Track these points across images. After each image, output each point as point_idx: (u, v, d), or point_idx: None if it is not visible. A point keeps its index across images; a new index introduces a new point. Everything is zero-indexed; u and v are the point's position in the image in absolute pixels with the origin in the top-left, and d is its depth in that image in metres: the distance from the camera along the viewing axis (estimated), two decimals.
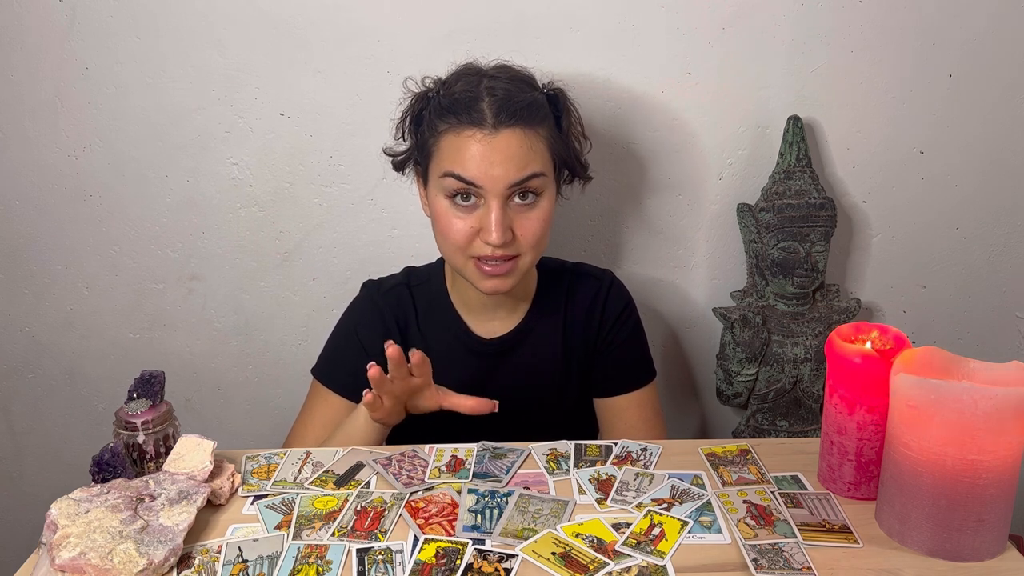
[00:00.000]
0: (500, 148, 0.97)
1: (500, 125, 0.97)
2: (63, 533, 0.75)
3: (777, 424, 1.34)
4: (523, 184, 0.98)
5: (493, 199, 0.97)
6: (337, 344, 1.15)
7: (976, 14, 1.26)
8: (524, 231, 1.00)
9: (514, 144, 0.97)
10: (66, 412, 1.47)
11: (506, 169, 0.97)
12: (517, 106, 0.98)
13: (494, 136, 0.97)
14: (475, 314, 1.13)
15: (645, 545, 0.78)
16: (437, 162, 1.01)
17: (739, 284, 1.38)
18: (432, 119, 1.02)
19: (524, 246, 1.01)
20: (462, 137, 0.98)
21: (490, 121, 0.97)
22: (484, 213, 0.98)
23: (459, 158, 0.98)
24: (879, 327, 0.88)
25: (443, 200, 1.00)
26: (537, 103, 1.01)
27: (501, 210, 0.97)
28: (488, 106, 0.98)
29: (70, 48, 1.26)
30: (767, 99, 1.30)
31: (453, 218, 1.00)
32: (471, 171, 0.97)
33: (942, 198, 1.36)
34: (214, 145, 1.31)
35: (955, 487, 0.75)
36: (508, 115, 0.97)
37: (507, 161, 0.97)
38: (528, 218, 1.00)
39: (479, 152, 0.97)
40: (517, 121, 0.98)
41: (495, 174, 0.96)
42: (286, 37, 1.25)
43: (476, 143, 0.97)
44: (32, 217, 1.35)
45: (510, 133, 0.97)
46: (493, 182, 0.97)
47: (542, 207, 1.01)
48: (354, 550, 0.78)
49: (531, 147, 0.99)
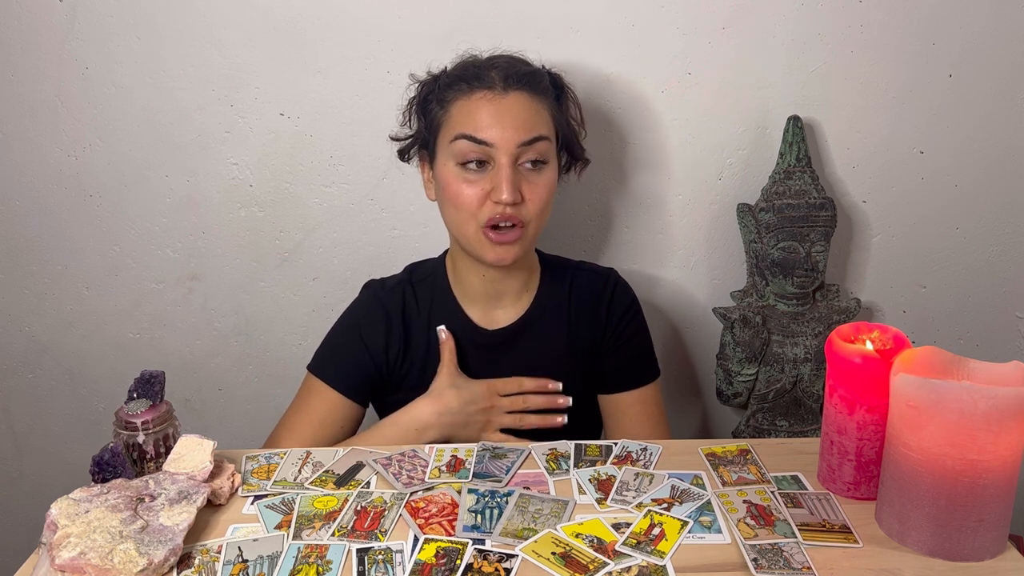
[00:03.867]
0: (510, 108, 1.01)
1: (509, 88, 1.02)
2: (63, 533, 0.75)
3: (777, 424, 1.34)
4: (531, 145, 1.02)
5: (504, 157, 1.00)
6: (337, 341, 1.15)
7: (976, 14, 1.26)
8: (532, 195, 1.03)
9: (523, 105, 1.02)
10: (66, 412, 1.47)
11: (516, 129, 1.00)
12: (522, 72, 1.04)
13: (504, 96, 1.02)
14: (478, 305, 1.13)
15: (645, 545, 0.78)
16: (447, 129, 1.04)
17: (739, 284, 1.38)
18: (441, 92, 1.06)
19: (531, 212, 1.03)
20: (473, 100, 1.02)
21: (500, 84, 1.02)
22: (495, 173, 1.01)
23: (471, 120, 1.01)
24: (879, 327, 0.88)
25: (453, 168, 1.03)
26: (540, 74, 1.07)
27: (511, 168, 1.01)
28: (496, 73, 1.03)
29: (70, 48, 1.26)
30: (767, 99, 1.30)
31: (463, 183, 1.02)
32: (483, 131, 1.00)
33: (942, 198, 1.36)
34: (214, 145, 1.31)
35: (955, 487, 0.75)
36: (516, 79, 1.03)
37: (516, 121, 1.01)
38: (536, 183, 1.03)
39: (490, 112, 1.01)
40: (524, 86, 1.03)
41: (506, 134, 1.00)
42: (286, 37, 1.26)
43: (487, 103, 1.01)
44: (32, 217, 1.35)
45: (518, 95, 1.02)
46: (504, 141, 1.00)
47: (547, 175, 1.05)
48: (354, 550, 0.78)
49: (537, 112, 1.03)
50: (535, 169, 1.03)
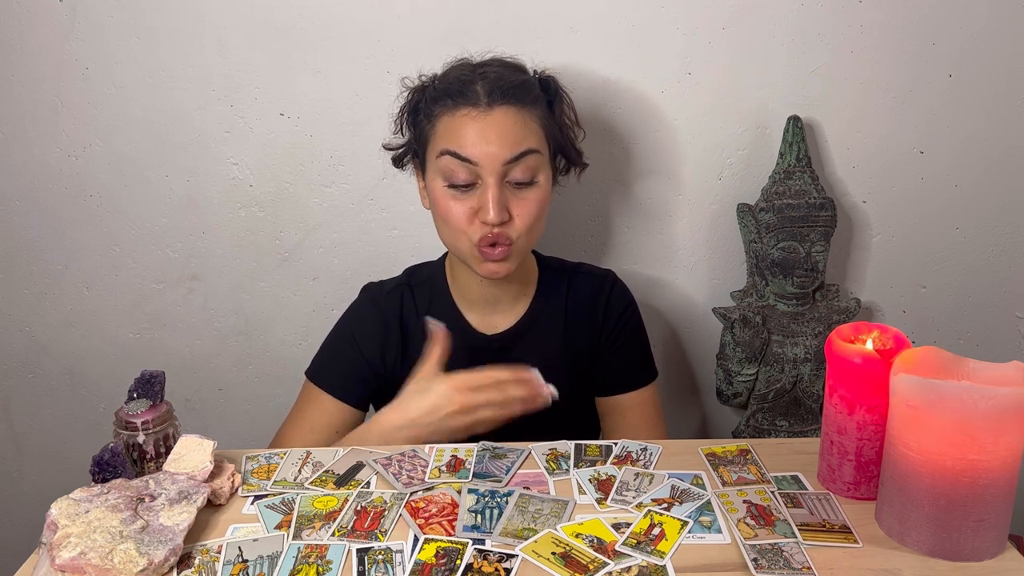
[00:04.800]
0: (494, 125, 0.99)
1: (494, 103, 1.00)
2: (63, 533, 0.75)
3: (777, 424, 1.34)
4: (519, 160, 1.00)
5: (489, 176, 0.99)
6: (333, 347, 1.15)
7: (976, 14, 1.26)
8: (520, 212, 1.01)
9: (508, 121, 1.00)
10: (66, 412, 1.47)
11: (500, 146, 0.98)
12: (509, 85, 1.01)
13: (488, 113, 0.99)
14: (476, 309, 1.13)
15: (645, 545, 0.78)
16: (434, 144, 1.02)
17: (739, 284, 1.38)
18: (428, 105, 1.04)
19: (520, 228, 1.02)
20: (457, 117, 1.00)
21: (484, 100, 1.00)
22: (481, 192, 1.00)
23: (455, 136, 1.00)
24: (879, 327, 0.88)
25: (441, 184, 1.02)
26: (528, 84, 1.04)
27: (498, 188, 0.99)
28: (481, 87, 1.01)
29: (70, 48, 1.26)
30: (767, 99, 1.30)
31: (451, 201, 1.01)
32: (467, 148, 0.99)
33: (942, 198, 1.36)
34: (214, 145, 1.31)
35: (955, 487, 0.75)
36: (501, 94, 1.00)
37: (502, 138, 0.99)
38: (525, 199, 1.02)
39: (474, 130, 0.99)
40: (509, 99, 1.00)
41: (491, 151, 0.98)
42: (286, 37, 1.26)
43: (471, 120, 0.99)
44: (32, 217, 1.35)
45: (503, 111, 1.00)
46: (489, 159, 0.98)
47: (538, 189, 1.03)
48: (354, 550, 0.78)
49: (525, 125, 1.01)
50: (524, 185, 1.01)
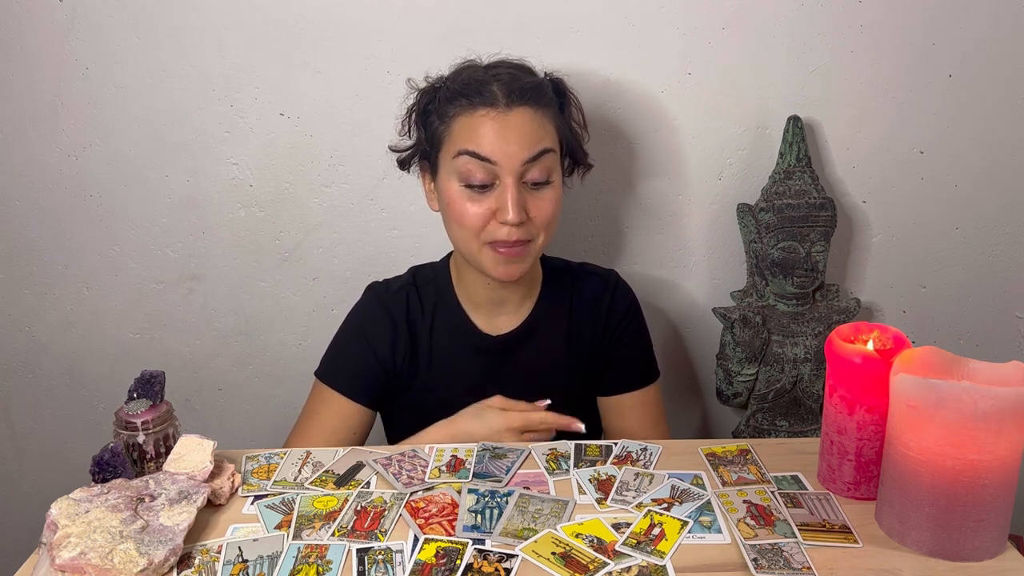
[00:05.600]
0: (513, 125, 0.99)
1: (512, 104, 1.00)
2: (63, 533, 0.75)
3: (777, 424, 1.34)
4: (536, 160, 1.00)
5: (508, 177, 0.99)
6: (344, 346, 1.14)
7: (976, 14, 1.26)
8: (538, 212, 1.02)
9: (526, 121, 1.00)
10: (66, 412, 1.47)
11: (520, 146, 0.99)
12: (526, 86, 1.02)
13: (507, 114, 1.00)
14: (481, 311, 1.13)
15: (645, 545, 0.78)
16: (450, 145, 1.02)
17: (739, 284, 1.38)
18: (442, 106, 1.03)
19: (538, 227, 1.03)
20: (475, 117, 1.00)
21: (503, 100, 1.00)
22: (500, 193, 1.00)
23: (474, 136, 1.00)
24: (879, 327, 0.88)
25: (456, 185, 1.02)
26: (543, 86, 1.05)
27: (516, 188, 1.00)
28: (498, 88, 1.01)
29: (70, 48, 1.26)
30: (767, 99, 1.30)
31: (467, 202, 1.01)
32: (486, 148, 0.99)
33: (942, 198, 1.36)
34: (214, 145, 1.31)
35: (955, 487, 0.75)
36: (519, 95, 1.00)
37: (520, 138, 0.99)
38: (541, 199, 1.02)
39: (493, 129, 0.99)
40: (527, 100, 1.01)
41: (510, 151, 0.99)
42: (286, 37, 1.26)
43: (490, 120, 0.99)
44: (32, 217, 1.35)
45: (522, 111, 1.00)
46: (508, 159, 0.99)
47: (554, 188, 1.04)
48: (354, 550, 0.78)
49: (541, 125, 1.02)
50: (540, 184, 1.02)
